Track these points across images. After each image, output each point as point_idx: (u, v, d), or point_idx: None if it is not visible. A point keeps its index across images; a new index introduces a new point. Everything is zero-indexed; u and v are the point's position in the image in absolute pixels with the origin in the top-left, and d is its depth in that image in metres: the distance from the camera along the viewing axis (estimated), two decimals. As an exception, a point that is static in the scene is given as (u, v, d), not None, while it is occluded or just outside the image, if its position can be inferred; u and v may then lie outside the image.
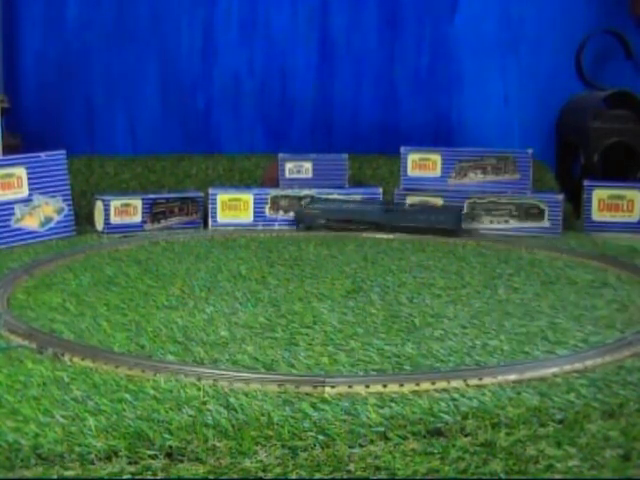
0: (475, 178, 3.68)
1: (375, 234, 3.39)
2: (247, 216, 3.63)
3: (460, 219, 3.49)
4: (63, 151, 3.42)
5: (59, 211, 3.35)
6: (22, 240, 3.18)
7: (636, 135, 3.94)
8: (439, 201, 3.64)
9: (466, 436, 1.36)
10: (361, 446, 1.32)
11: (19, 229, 3.21)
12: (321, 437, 1.33)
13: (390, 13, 4.30)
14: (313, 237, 3.36)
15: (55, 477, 1.21)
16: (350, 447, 1.31)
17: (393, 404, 1.47)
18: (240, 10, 4.26)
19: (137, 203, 3.51)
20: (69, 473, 1.22)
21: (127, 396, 1.50)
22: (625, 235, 3.47)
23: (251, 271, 2.68)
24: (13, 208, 3.20)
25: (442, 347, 1.84)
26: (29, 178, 3.26)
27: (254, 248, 3.13)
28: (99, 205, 3.47)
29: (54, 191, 3.35)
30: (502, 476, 1.20)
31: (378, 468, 1.24)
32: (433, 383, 1.56)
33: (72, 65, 4.15)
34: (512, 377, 1.61)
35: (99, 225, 3.47)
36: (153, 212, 3.55)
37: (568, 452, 1.28)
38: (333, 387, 1.54)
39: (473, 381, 1.58)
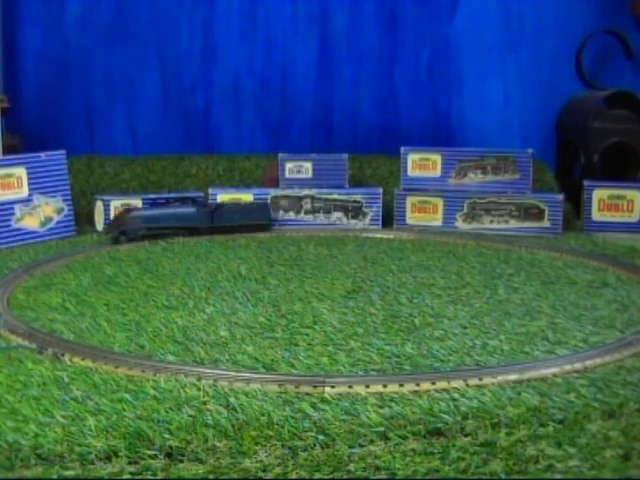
0: (475, 178, 3.68)
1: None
2: (247, 216, 3.63)
3: (270, 212, 3.56)
4: (63, 151, 3.42)
5: (59, 211, 3.35)
6: (22, 240, 3.18)
7: (636, 135, 3.95)
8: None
9: (466, 436, 1.36)
10: (361, 446, 1.32)
11: (19, 229, 3.21)
12: (321, 437, 1.33)
13: (390, 13, 4.30)
14: (313, 237, 3.36)
15: (55, 477, 1.21)
16: (350, 447, 1.31)
17: (393, 404, 1.47)
18: (240, 10, 4.26)
19: (137, 203, 3.51)
20: (69, 473, 1.22)
21: (127, 396, 1.50)
22: (625, 235, 3.47)
23: (251, 271, 2.68)
24: (13, 208, 3.20)
25: (442, 347, 1.84)
26: (29, 178, 3.26)
27: (254, 248, 3.13)
28: (99, 205, 3.47)
29: (54, 191, 3.35)
30: (502, 476, 1.20)
31: (378, 468, 1.24)
32: (433, 383, 1.56)
33: (72, 65, 4.15)
34: (512, 377, 1.61)
35: (99, 225, 3.47)
36: (153, 212, 3.55)
37: (568, 452, 1.28)
38: (333, 387, 1.54)
39: (473, 381, 1.58)
